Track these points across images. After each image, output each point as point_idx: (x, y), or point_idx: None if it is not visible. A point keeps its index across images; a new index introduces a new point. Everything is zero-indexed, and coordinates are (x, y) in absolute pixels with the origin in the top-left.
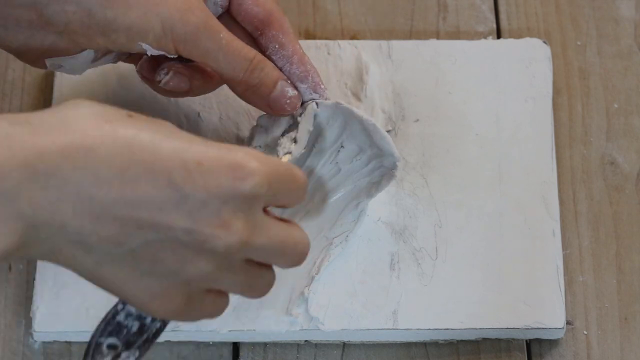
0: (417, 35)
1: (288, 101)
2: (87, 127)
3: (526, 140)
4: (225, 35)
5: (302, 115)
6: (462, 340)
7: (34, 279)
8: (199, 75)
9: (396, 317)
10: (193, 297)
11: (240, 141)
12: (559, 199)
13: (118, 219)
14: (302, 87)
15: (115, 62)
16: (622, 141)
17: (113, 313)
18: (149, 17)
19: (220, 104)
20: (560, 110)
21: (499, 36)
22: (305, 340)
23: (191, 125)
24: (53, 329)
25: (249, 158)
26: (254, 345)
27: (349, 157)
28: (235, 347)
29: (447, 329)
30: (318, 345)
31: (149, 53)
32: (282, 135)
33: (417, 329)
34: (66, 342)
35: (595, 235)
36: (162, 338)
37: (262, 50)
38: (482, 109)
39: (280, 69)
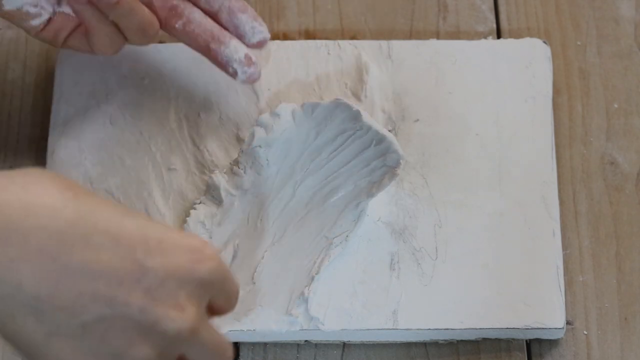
0: (417, 35)
1: None
2: (50, 191)
3: (526, 140)
4: None
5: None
6: (462, 340)
7: None
8: None
9: (396, 317)
10: None
11: (240, 141)
12: (559, 199)
13: (76, 287)
14: (243, 17)
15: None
16: (622, 141)
17: None
18: None
19: (220, 104)
20: (560, 110)
21: (499, 36)
22: (305, 340)
23: (191, 125)
24: None
25: (205, 245)
26: (254, 345)
27: (349, 157)
28: (236, 347)
29: (447, 329)
30: (318, 345)
31: None
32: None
33: (417, 329)
34: None
35: (595, 235)
36: None
37: (194, 1)
38: (482, 109)
39: (219, 8)
